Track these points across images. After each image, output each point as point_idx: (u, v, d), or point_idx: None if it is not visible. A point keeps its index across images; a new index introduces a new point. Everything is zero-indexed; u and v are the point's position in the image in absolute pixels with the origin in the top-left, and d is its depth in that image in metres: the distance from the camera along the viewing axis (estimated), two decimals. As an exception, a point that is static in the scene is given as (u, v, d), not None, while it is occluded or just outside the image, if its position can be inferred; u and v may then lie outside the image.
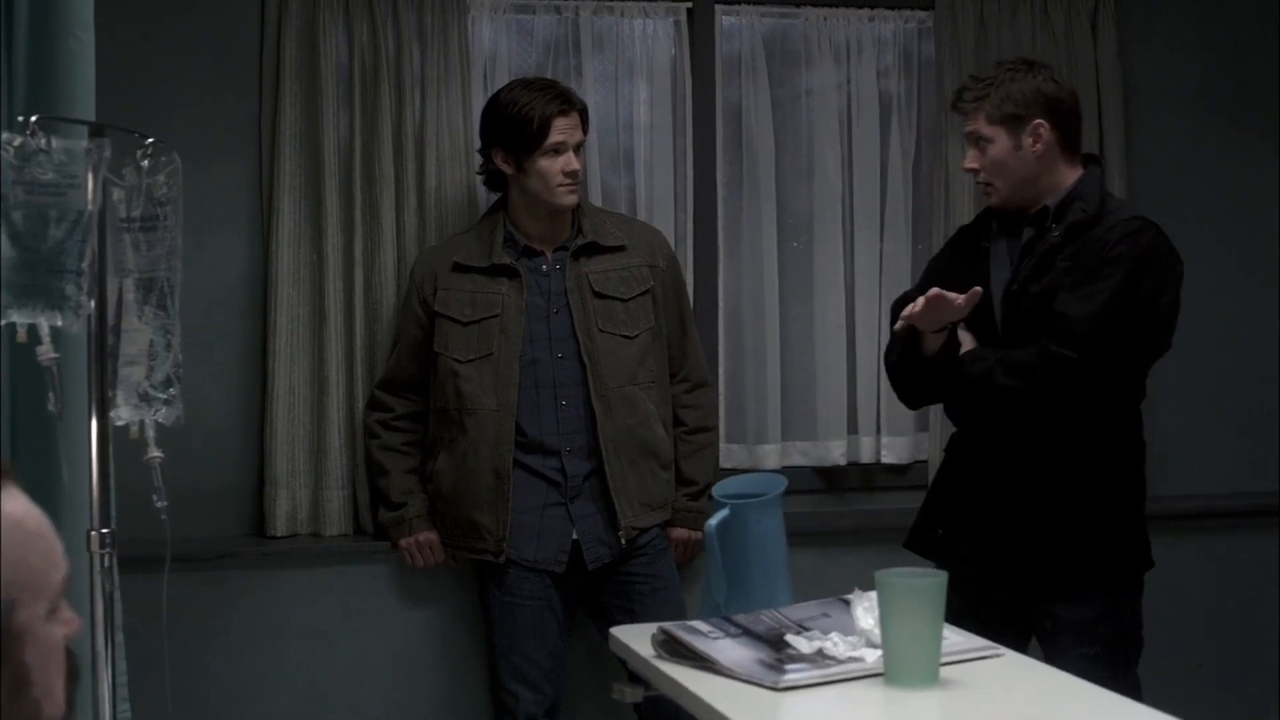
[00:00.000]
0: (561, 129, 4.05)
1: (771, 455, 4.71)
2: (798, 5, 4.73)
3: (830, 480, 4.79)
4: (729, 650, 2.50)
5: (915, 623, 2.29)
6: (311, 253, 4.39)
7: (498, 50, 4.59)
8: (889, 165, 4.77)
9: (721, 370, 4.71)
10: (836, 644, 2.56)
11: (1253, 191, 4.99)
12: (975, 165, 3.60)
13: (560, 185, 4.05)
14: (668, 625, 2.69)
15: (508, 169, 4.11)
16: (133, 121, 4.21)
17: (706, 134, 4.67)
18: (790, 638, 2.61)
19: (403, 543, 4.24)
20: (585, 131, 4.18)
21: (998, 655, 2.66)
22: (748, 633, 2.60)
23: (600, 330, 4.10)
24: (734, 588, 2.65)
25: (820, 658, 2.54)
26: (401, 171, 4.40)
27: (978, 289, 3.37)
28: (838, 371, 4.74)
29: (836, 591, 4.57)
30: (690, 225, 4.68)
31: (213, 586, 4.34)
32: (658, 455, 4.20)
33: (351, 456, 4.37)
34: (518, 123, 4.05)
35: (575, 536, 4.08)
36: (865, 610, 2.59)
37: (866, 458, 4.80)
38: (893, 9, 4.78)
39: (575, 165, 4.06)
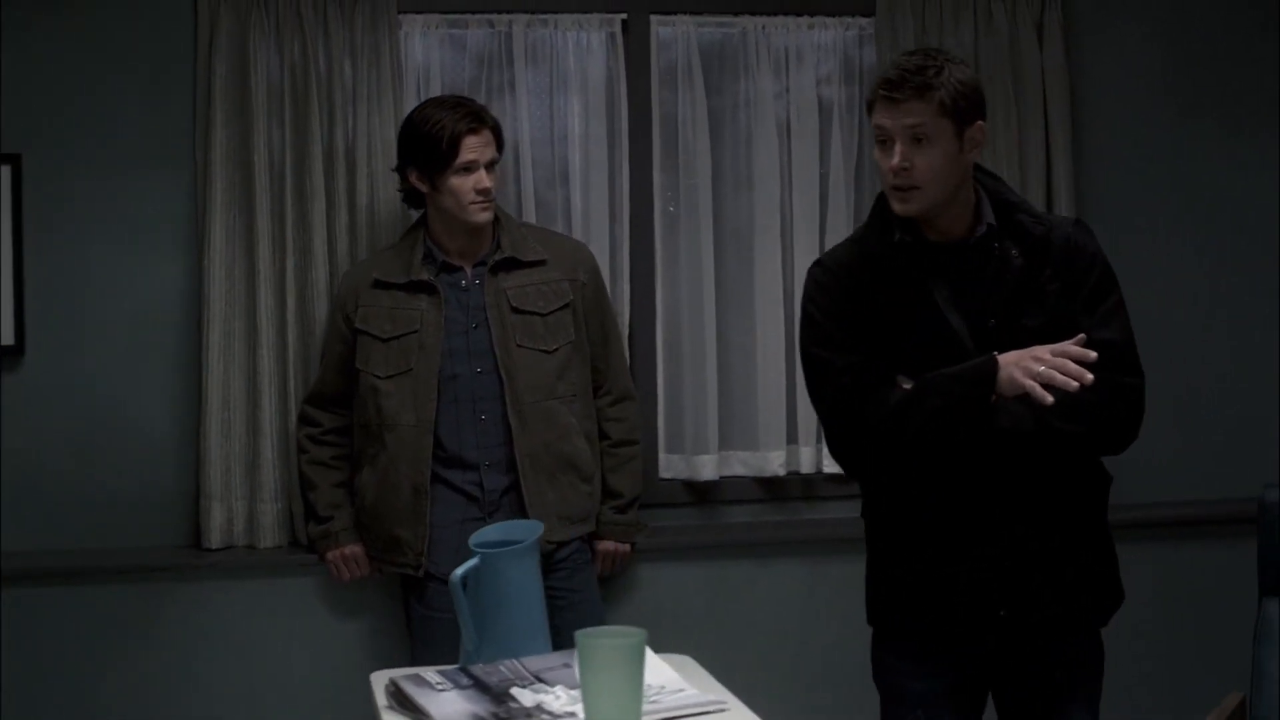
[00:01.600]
0: (472, 147, 4.15)
1: (710, 465, 4.80)
2: (735, 14, 4.80)
3: (771, 490, 4.87)
4: (448, 704, 2.58)
5: (613, 682, 2.35)
6: (244, 268, 4.51)
7: (431, 64, 4.69)
8: (830, 173, 4.84)
9: (660, 380, 4.80)
10: (559, 697, 2.62)
11: (1211, 190, 5.01)
12: (906, 164, 3.12)
13: (473, 203, 4.15)
14: (398, 675, 2.77)
15: (422, 187, 4.22)
16: (69, 136, 4.40)
17: (643, 145, 4.76)
18: (515, 690, 2.67)
19: (329, 556, 4.36)
20: (500, 148, 4.27)
21: (723, 709, 2.71)
22: (478, 684, 2.68)
23: (518, 345, 4.20)
24: (485, 637, 2.72)
25: (539, 712, 2.59)
26: (333, 187, 4.52)
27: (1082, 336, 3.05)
28: (777, 381, 4.82)
29: (775, 603, 4.72)
30: (627, 236, 4.76)
31: (146, 598, 4.49)
32: (578, 468, 4.29)
33: (285, 470, 4.50)
34: (429, 141, 4.16)
35: (492, 552, 4.16)
36: None
37: (807, 468, 4.87)
38: (833, 16, 4.84)
39: (487, 183, 4.16)
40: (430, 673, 2.69)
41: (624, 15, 4.74)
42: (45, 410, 4.55)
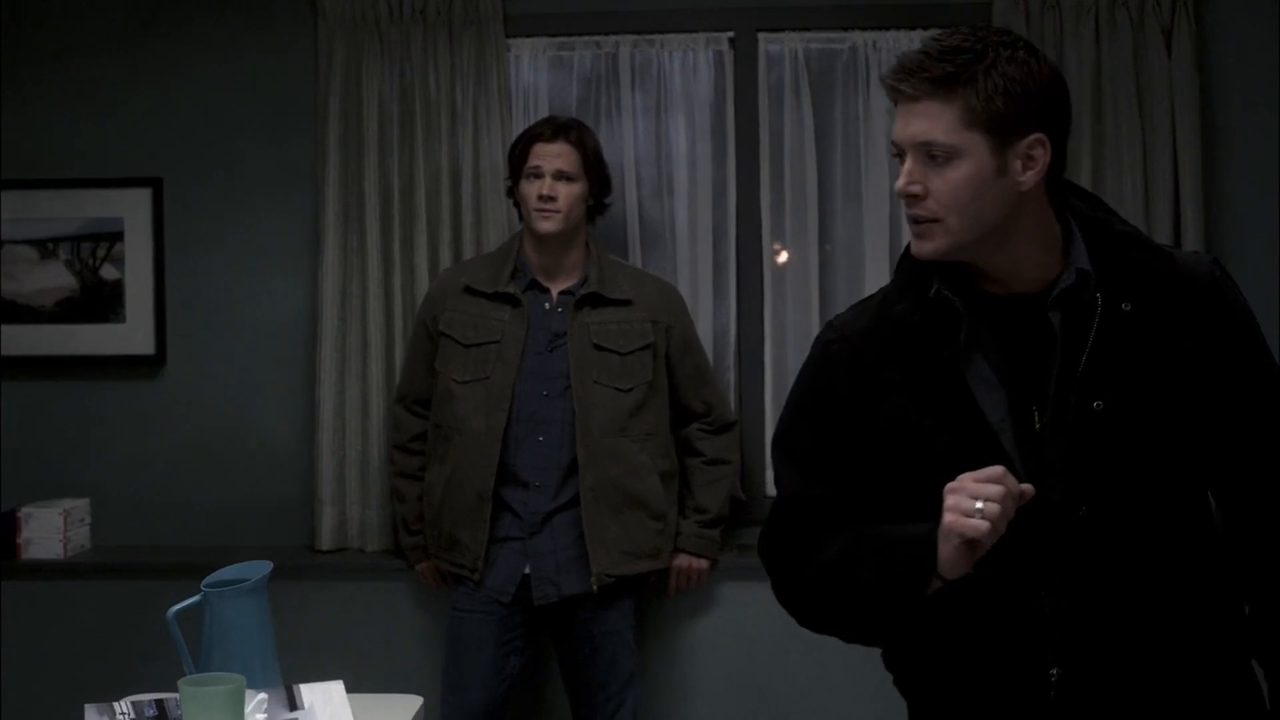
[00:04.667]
0: (540, 154, 4.41)
1: (814, 484, 4.91)
2: (844, 29, 4.93)
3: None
4: None
5: None
6: (355, 286, 4.89)
7: (539, 86, 4.99)
8: (942, 189, 4.88)
9: (768, 397, 4.96)
10: None
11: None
12: (917, 188, 2.36)
13: (536, 210, 4.41)
14: (96, 706, 2.88)
15: (513, 198, 4.50)
16: (204, 161, 4.88)
17: (750, 162, 4.94)
18: None
19: (419, 566, 4.67)
20: (589, 170, 4.47)
21: None
22: (161, 715, 2.82)
23: (595, 381, 4.42)
24: (205, 668, 2.93)
25: None
26: (438, 208, 4.87)
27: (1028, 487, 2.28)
28: (885, 400, 4.90)
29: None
30: (733, 254, 4.94)
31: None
32: (647, 506, 4.49)
33: (391, 478, 4.85)
34: (510, 148, 4.46)
35: (527, 571, 4.42)
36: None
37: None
38: (945, 28, 4.88)
39: (548, 190, 4.39)
40: (127, 703, 2.88)
41: (731, 33, 4.95)
42: (181, 416, 5.05)
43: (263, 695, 2.76)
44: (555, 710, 4.76)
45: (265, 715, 2.71)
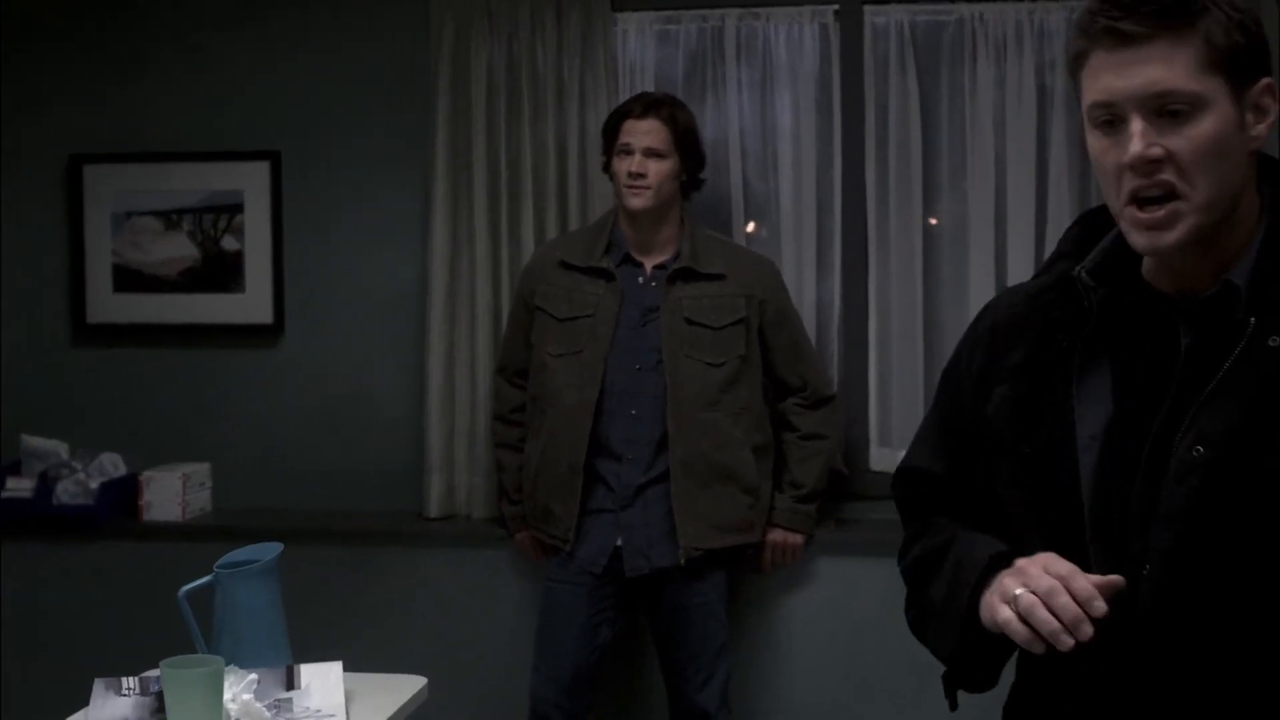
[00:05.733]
0: (630, 131, 4.52)
1: (918, 458, 4.96)
2: (951, 1, 4.95)
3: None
4: (108, 709, 2.91)
5: (197, 706, 2.67)
6: (462, 259, 5.03)
7: (645, 61, 5.08)
8: (1050, 166, 4.91)
9: (872, 373, 5.02)
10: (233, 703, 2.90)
11: None
12: (1158, 150, 1.95)
13: (626, 186, 4.51)
14: (104, 680, 2.99)
15: (607, 173, 4.60)
16: (321, 135, 5.06)
17: (855, 136, 4.99)
18: None
19: (518, 536, 4.81)
20: (681, 148, 4.56)
21: None
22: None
23: (686, 356, 4.52)
24: (218, 648, 3.07)
25: None
26: (544, 182, 4.99)
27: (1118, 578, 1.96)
28: (989, 376, 4.92)
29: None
30: (838, 228, 5.00)
31: (369, 561, 5.09)
32: (739, 480, 4.58)
33: (498, 448, 5.00)
34: (604, 125, 4.58)
35: (619, 543, 4.53)
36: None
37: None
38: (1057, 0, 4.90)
39: (637, 168, 4.49)
40: (135, 679, 3.02)
41: (836, 6, 5.01)
42: (298, 384, 5.26)
43: (253, 676, 2.90)
44: (648, 681, 4.88)
45: (253, 695, 2.83)
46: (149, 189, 5.27)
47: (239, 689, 2.81)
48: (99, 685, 2.94)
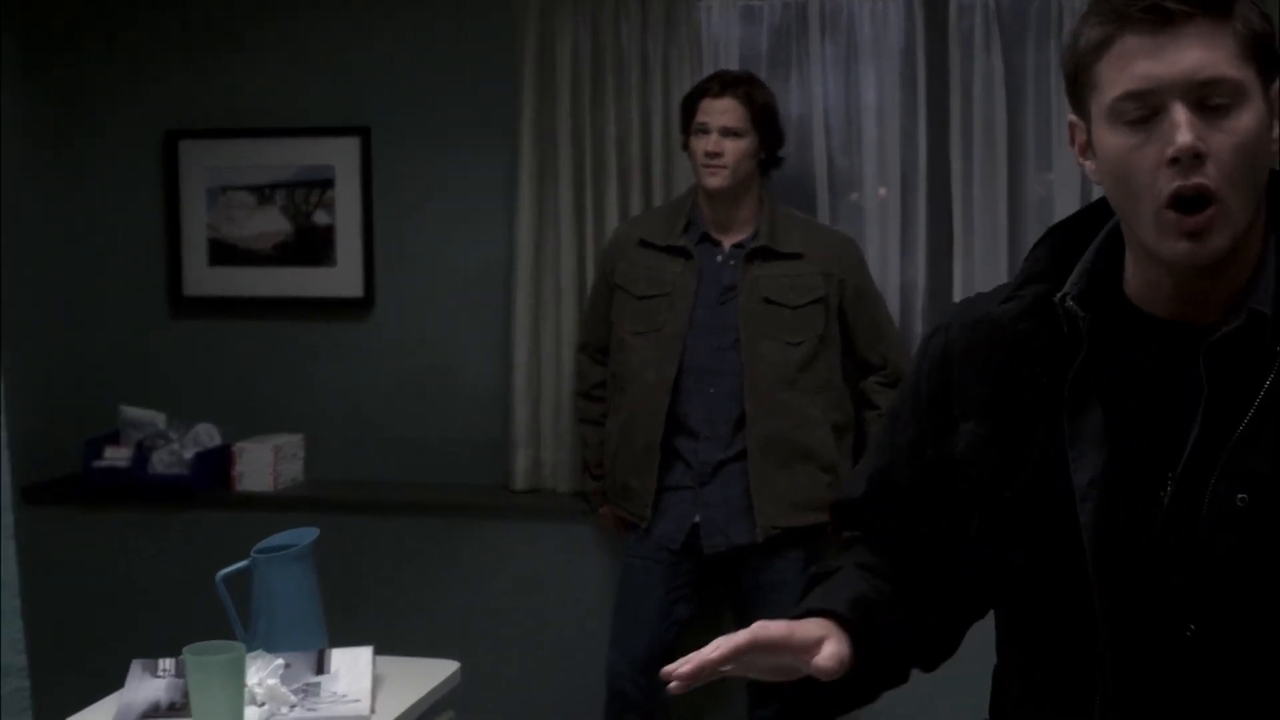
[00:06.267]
0: (708, 110, 4.55)
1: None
2: (1038, -23, 4.93)
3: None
4: (141, 690, 3.01)
5: (218, 692, 2.76)
6: (548, 235, 5.11)
7: (729, 39, 5.12)
8: (1138, 142, 4.86)
9: (956, 350, 5.01)
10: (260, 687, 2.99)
11: None
12: (1203, 144, 1.75)
13: (703, 165, 4.55)
14: (140, 662, 3.12)
15: (686, 151, 4.64)
16: (410, 111, 5.16)
17: (940, 113, 5.00)
18: None
19: (600, 511, 4.88)
20: (758, 125, 4.58)
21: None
22: None
23: (764, 335, 4.56)
24: (256, 631, 3.17)
25: None
26: (628, 159, 5.05)
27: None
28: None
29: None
30: (923, 205, 5.01)
31: (454, 532, 5.19)
32: (817, 458, 4.61)
33: (582, 423, 5.08)
34: (682, 104, 4.63)
35: (697, 520, 4.59)
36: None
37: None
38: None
39: (714, 147, 4.51)
40: (171, 661, 3.09)
41: (922, -19, 4.99)
42: (387, 357, 5.37)
43: (280, 660, 3.00)
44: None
45: (279, 680, 2.92)
46: (243, 164, 5.40)
47: (265, 673, 2.91)
48: (136, 666, 3.05)
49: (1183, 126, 1.75)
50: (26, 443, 5.32)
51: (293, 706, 2.94)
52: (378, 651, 3.17)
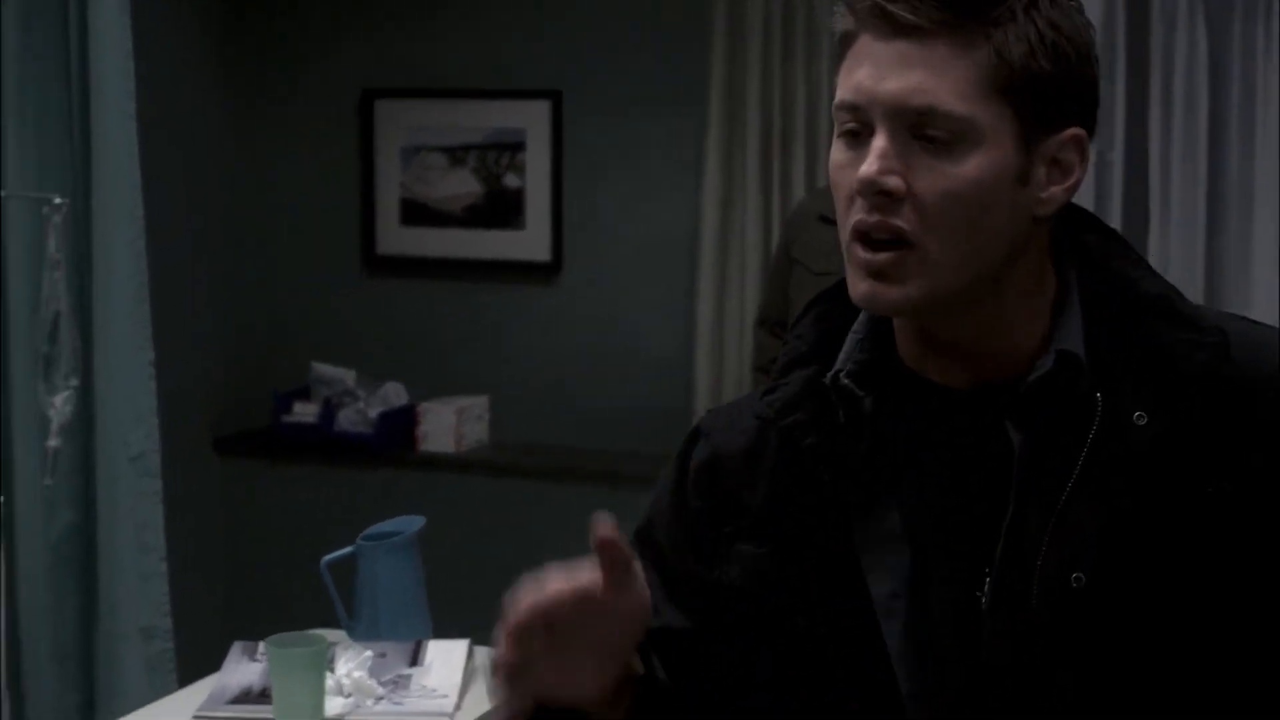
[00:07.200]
0: None
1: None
2: (1247, -48, 4.80)
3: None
4: (236, 674, 3.07)
5: (298, 684, 2.81)
6: (735, 205, 5.12)
7: (924, 8, 5.01)
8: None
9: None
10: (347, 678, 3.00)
11: None
12: (895, 182, 1.52)
13: None
14: (241, 644, 3.19)
15: None
16: (600, 75, 5.19)
17: (1139, 90, 4.90)
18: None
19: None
20: None
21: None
22: None
23: None
24: (356, 618, 3.22)
25: None
26: (815, 129, 5.04)
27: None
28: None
29: None
30: (1119, 183, 4.91)
31: (622, 501, 5.19)
32: None
33: (763, 394, 5.07)
34: None
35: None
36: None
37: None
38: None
39: None
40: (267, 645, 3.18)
41: (1124, -46, 4.88)
42: (574, 323, 5.44)
43: (368, 653, 3.04)
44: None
45: (366, 672, 2.97)
46: (436, 125, 5.48)
47: (353, 664, 2.97)
48: (236, 649, 3.14)
49: (872, 156, 1.51)
50: (219, 396, 5.50)
51: (379, 699, 2.99)
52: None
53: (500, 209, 5.45)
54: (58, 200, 3.86)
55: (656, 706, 1.64)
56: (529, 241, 5.44)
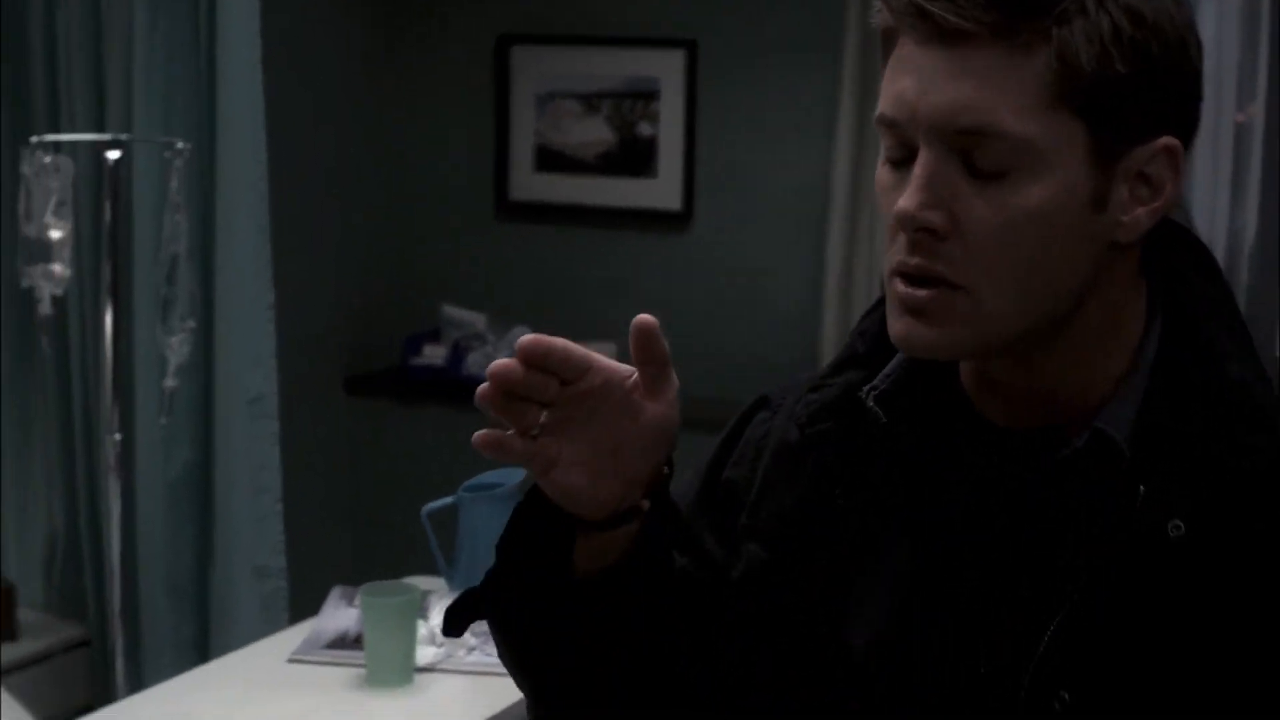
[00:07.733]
0: None
1: None
2: (1403, -91, 4.66)
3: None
4: (332, 619, 3.15)
5: (390, 634, 2.87)
6: (867, 162, 5.09)
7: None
8: None
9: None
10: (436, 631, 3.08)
11: None
12: (936, 218, 1.31)
13: None
14: (340, 588, 3.29)
15: None
16: (737, 24, 5.19)
17: (1282, 56, 4.80)
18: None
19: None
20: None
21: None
22: None
23: None
24: (455, 567, 3.25)
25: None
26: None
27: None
28: None
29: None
30: (1258, 151, 4.82)
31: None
32: None
33: (888, 352, 5.06)
34: None
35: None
36: None
37: None
38: None
39: None
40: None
41: (1273, -88, 4.76)
42: (703, 273, 5.45)
43: None
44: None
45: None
46: (571, 71, 5.49)
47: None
48: (335, 593, 3.22)
49: (912, 186, 1.29)
50: (349, 336, 5.58)
51: (471, 650, 3.03)
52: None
53: (633, 157, 5.46)
54: (180, 145, 3.93)
55: (656, 570, 1.44)
56: (660, 190, 5.45)
